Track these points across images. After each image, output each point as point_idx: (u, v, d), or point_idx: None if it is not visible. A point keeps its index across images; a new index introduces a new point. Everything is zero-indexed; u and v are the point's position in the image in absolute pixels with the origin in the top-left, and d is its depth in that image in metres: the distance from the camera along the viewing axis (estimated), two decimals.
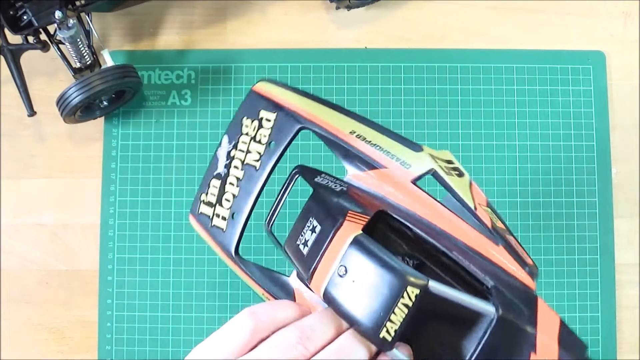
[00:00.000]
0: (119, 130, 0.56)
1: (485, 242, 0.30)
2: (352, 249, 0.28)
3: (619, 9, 0.58)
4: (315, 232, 0.30)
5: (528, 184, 0.55)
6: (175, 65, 0.57)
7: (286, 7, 0.58)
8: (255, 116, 0.35)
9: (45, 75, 0.57)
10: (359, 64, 0.57)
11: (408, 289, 0.26)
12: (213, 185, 0.35)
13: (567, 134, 0.56)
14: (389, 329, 0.27)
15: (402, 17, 0.58)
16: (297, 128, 0.33)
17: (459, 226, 0.31)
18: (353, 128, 0.33)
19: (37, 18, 0.48)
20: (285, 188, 0.35)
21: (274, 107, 0.34)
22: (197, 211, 0.36)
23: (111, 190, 0.55)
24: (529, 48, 0.57)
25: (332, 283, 0.28)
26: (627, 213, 0.56)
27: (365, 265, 0.27)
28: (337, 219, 0.29)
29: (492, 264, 0.30)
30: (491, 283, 0.29)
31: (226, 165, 0.35)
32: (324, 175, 0.34)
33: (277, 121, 0.34)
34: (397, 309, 0.27)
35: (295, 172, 0.35)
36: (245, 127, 0.35)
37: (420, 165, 0.32)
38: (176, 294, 0.54)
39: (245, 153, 0.35)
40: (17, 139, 0.56)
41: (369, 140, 0.33)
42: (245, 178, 0.34)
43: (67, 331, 0.54)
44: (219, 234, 0.35)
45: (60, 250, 0.55)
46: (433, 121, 0.56)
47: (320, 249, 0.29)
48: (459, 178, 0.33)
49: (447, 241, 0.30)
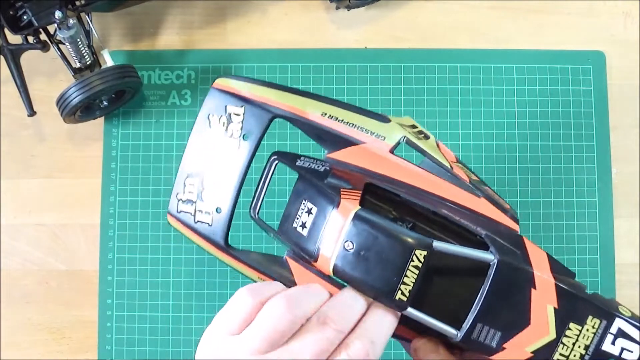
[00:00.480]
0: (119, 130, 0.56)
1: (467, 196, 0.33)
2: (355, 223, 0.30)
3: (619, 9, 0.58)
4: (312, 213, 0.32)
5: (528, 184, 0.55)
6: (175, 65, 0.57)
7: (286, 7, 0.58)
8: (223, 112, 0.35)
9: (45, 75, 0.57)
10: (359, 64, 0.57)
11: (416, 252, 0.29)
12: (189, 184, 0.36)
13: (567, 134, 0.56)
14: (403, 290, 0.30)
15: (402, 17, 0.58)
16: (269, 118, 0.34)
17: (441, 185, 0.33)
18: (323, 110, 0.34)
19: (37, 18, 0.48)
20: (265, 175, 0.35)
21: (241, 100, 0.35)
22: (177, 210, 0.37)
23: (111, 190, 0.55)
24: (529, 48, 0.57)
25: (340, 258, 0.30)
26: (627, 213, 0.56)
27: (370, 237, 0.30)
28: (333, 198, 0.31)
29: (479, 215, 0.33)
30: (483, 232, 0.31)
31: (199, 163, 0.36)
32: (303, 158, 0.35)
33: (247, 114, 0.34)
34: (409, 271, 0.29)
35: (273, 158, 0.36)
36: (214, 124, 0.35)
37: (393, 135, 0.34)
38: (176, 294, 0.54)
39: (219, 148, 0.35)
40: (17, 139, 0.56)
41: (341, 119, 0.34)
42: (224, 172, 0.35)
43: (67, 331, 0.54)
44: (206, 229, 0.36)
45: (60, 250, 0.55)
46: (433, 121, 0.56)
47: (321, 228, 0.31)
48: (427, 140, 0.35)
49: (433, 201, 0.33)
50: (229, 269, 0.54)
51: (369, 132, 0.34)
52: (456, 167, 0.34)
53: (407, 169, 0.33)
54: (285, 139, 0.55)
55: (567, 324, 0.31)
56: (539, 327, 0.31)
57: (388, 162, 0.33)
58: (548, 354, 0.31)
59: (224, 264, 0.55)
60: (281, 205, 0.52)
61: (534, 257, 0.31)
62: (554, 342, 0.31)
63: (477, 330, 0.30)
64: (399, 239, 0.29)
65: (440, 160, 0.34)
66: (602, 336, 0.31)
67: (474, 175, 0.35)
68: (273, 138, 0.55)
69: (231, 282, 0.54)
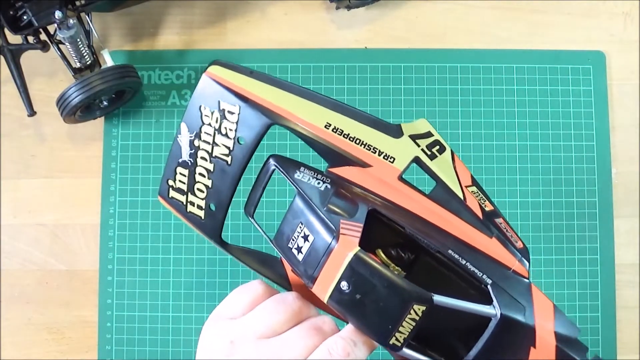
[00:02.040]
0: (119, 130, 0.56)
1: (478, 235, 0.31)
2: (352, 266, 0.28)
3: (619, 9, 0.58)
4: (308, 241, 0.30)
5: (528, 184, 0.55)
6: (175, 65, 0.57)
7: (286, 7, 0.58)
8: (216, 107, 0.32)
9: (45, 75, 0.57)
10: (359, 64, 0.57)
11: (415, 307, 0.28)
12: (180, 173, 0.34)
13: (567, 134, 0.56)
14: (398, 337, 0.28)
15: (402, 17, 0.58)
16: (266, 125, 0.31)
17: (451, 222, 0.31)
18: (328, 119, 0.31)
19: (37, 18, 0.48)
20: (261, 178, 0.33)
21: (236, 97, 0.31)
22: (167, 195, 0.35)
23: (111, 190, 0.55)
24: (529, 48, 0.57)
25: (335, 295, 0.29)
26: (627, 213, 0.56)
27: (368, 284, 0.28)
28: (332, 231, 0.29)
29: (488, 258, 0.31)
30: (489, 281, 0.30)
31: (191, 155, 0.33)
32: (303, 169, 0.32)
33: (242, 115, 0.31)
34: (405, 322, 0.28)
35: (271, 164, 0.32)
36: (206, 117, 0.32)
37: (403, 156, 0.31)
38: (176, 294, 0.54)
39: (212, 145, 0.33)
40: (17, 139, 0.56)
41: (346, 134, 0.31)
42: (217, 171, 0.33)
43: (67, 331, 0.54)
44: (198, 221, 0.34)
45: (60, 250, 0.55)
46: (433, 121, 0.56)
47: (318, 261, 0.29)
48: (441, 156, 0.32)
49: (441, 237, 0.31)
50: (229, 269, 0.54)
51: (377, 151, 0.31)
52: (469, 196, 0.32)
53: (415, 200, 0.31)
54: (284, 139, 0.55)
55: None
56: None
57: (395, 191, 0.31)
58: None
59: (224, 264, 0.55)
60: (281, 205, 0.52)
61: (539, 310, 0.30)
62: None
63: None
64: (398, 291, 0.28)
65: (454, 189, 0.31)
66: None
67: (487, 204, 0.32)
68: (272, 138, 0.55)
69: (231, 282, 0.54)
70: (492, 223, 0.31)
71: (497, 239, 0.31)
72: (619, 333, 0.54)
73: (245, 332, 0.30)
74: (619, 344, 0.54)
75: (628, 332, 0.54)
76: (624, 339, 0.54)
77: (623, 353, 0.54)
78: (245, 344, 0.29)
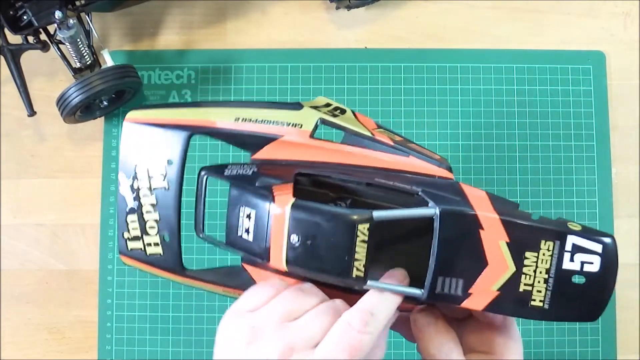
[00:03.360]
0: (119, 130, 0.56)
1: (395, 158, 0.34)
2: (294, 215, 0.30)
3: (619, 9, 0.58)
4: (252, 217, 0.32)
5: (528, 184, 0.55)
6: (175, 65, 0.57)
7: (286, 7, 0.58)
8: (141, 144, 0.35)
9: (45, 75, 0.57)
10: (359, 64, 0.57)
11: (359, 227, 0.29)
12: (131, 221, 0.36)
13: (567, 134, 0.56)
14: (357, 267, 0.30)
15: (402, 17, 0.58)
16: (185, 136, 0.34)
17: (367, 156, 0.34)
18: (236, 115, 0.35)
19: (37, 18, 0.48)
20: (199, 193, 0.36)
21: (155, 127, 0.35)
22: (127, 250, 0.37)
23: (111, 190, 0.55)
24: (529, 48, 0.57)
25: (290, 253, 0.30)
26: (627, 213, 0.56)
27: (312, 224, 0.30)
28: (267, 197, 0.31)
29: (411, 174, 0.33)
30: (419, 189, 0.32)
31: (135, 198, 0.36)
32: (230, 166, 0.35)
33: (165, 139, 0.35)
34: (358, 247, 0.30)
35: (203, 174, 0.36)
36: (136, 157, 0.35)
37: (308, 120, 0.34)
38: (176, 294, 0.54)
39: (149, 179, 0.35)
40: (17, 139, 0.56)
41: (254, 119, 0.34)
42: (160, 201, 0.35)
43: (67, 331, 0.54)
44: (159, 260, 0.36)
45: (60, 250, 0.55)
46: (433, 121, 0.56)
47: (264, 229, 0.31)
48: (344, 115, 0.36)
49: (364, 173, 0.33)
50: None
51: (284, 123, 0.34)
52: (378, 133, 0.35)
53: (330, 149, 0.34)
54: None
55: (523, 254, 0.31)
56: (497, 265, 0.31)
57: (310, 148, 0.34)
58: (514, 287, 0.31)
59: (224, 263, 0.55)
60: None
61: (474, 199, 0.32)
62: (516, 274, 0.31)
63: (439, 284, 0.31)
64: (339, 218, 0.30)
65: (360, 131, 0.34)
66: (560, 256, 0.31)
67: (397, 137, 0.35)
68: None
69: None
70: (406, 147, 0.34)
71: (413, 156, 0.34)
72: (619, 333, 0.54)
73: (266, 318, 0.30)
74: (619, 344, 0.54)
75: (628, 332, 0.54)
76: (624, 339, 0.54)
77: (623, 353, 0.54)
78: (266, 328, 0.30)
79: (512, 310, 0.32)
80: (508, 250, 0.31)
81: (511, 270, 0.31)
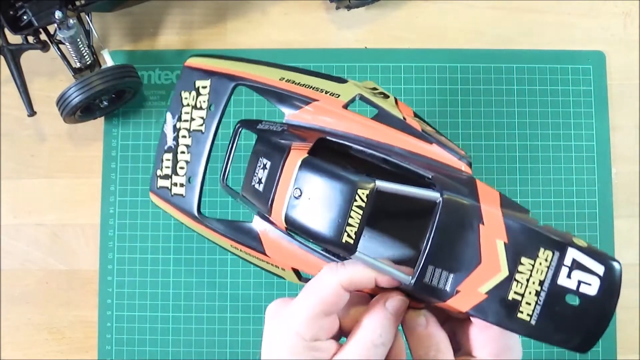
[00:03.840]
0: (119, 130, 0.56)
1: (419, 143, 0.33)
2: (302, 170, 0.30)
3: (619, 9, 0.58)
4: (267, 168, 0.33)
5: (528, 184, 0.55)
6: (175, 65, 0.57)
7: (286, 7, 0.58)
8: (192, 87, 0.37)
9: (45, 75, 0.57)
10: (359, 64, 0.57)
11: (358, 192, 0.29)
12: (166, 159, 0.38)
13: (567, 134, 0.56)
14: (349, 232, 0.29)
15: (402, 17, 0.58)
16: (232, 86, 0.37)
17: (393, 135, 0.34)
18: (282, 75, 0.36)
19: (37, 18, 0.48)
20: (232, 143, 0.37)
21: (207, 74, 0.37)
22: (156, 187, 0.38)
23: (111, 190, 0.55)
24: (529, 48, 0.57)
25: (290, 207, 0.30)
26: (627, 213, 0.56)
27: (316, 181, 0.30)
28: (284, 150, 0.32)
29: (430, 160, 0.33)
30: (431, 174, 0.31)
31: (174, 138, 0.38)
32: (264, 122, 0.37)
33: (212, 85, 0.37)
34: (353, 212, 0.29)
35: (238, 126, 0.37)
36: (185, 99, 0.38)
37: (347, 93, 0.35)
38: (176, 294, 0.54)
39: (190, 122, 0.37)
40: (17, 139, 0.56)
41: (298, 82, 0.36)
42: (194, 143, 0.37)
43: (67, 331, 0.54)
44: (180, 200, 0.37)
45: (60, 250, 0.55)
46: (433, 121, 0.56)
47: (274, 180, 0.32)
48: (385, 99, 0.36)
49: (384, 149, 0.33)
50: (229, 269, 0.54)
51: (324, 91, 0.35)
52: (410, 120, 0.34)
53: (358, 121, 0.34)
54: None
55: (518, 259, 0.29)
56: (490, 265, 0.29)
57: (340, 117, 0.34)
58: (503, 293, 0.29)
59: (224, 264, 0.55)
60: None
61: (484, 195, 0.30)
62: (507, 279, 0.29)
63: (429, 274, 0.29)
64: (342, 179, 0.29)
65: (393, 112, 0.34)
66: (557, 269, 0.28)
67: (429, 127, 0.35)
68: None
69: (231, 282, 0.54)
70: (433, 136, 0.34)
71: (437, 144, 0.33)
72: (619, 333, 0.54)
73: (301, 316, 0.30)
74: (619, 344, 0.54)
75: (628, 332, 0.54)
76: (624, 339, 0.54)
77: (623, 353, 0.54)
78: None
79: (497, 319, 0.29)
80: (504, 252, 0.29)
81: (503, 274, 0.29)
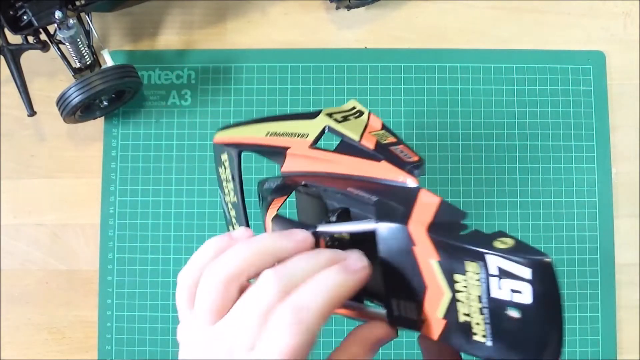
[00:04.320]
0: (119, 130, 0.56)
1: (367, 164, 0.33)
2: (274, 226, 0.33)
3: (619, 9, 0.58)
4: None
5: (528, 184, 0.55)
6: (175, 65, 0.57)
7: (286, 7, 0.58)
8: (220, 162, 0.40)
9: (45, 75, 0.57)
10: (359, 64, 0.57)
11: None
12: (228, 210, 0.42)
13: (567, 134, 0.56)
14: None
15: (402, 17, 0.58)
16: (237, 154, 0.38)
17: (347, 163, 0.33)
18: (268, 129, 0.37)
19: (37, 18, 0.48)
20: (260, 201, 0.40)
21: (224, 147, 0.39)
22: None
23: (111, 190, 0.55)
24: (529, 48, 0.57)
25: None
26: (627, 213, 0.56)
27: None
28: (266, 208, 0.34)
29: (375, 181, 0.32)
30: (375, 199, 0.29)
31: (228, 212, 0.42)
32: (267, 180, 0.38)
33: (228, 157, 0.39)
34: None
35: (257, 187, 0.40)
36: (221, 174, 0.40)
37: (315, 129, 0.35)
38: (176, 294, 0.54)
39: (229, 195, 0.40)
40: (17, 139, 0.56)
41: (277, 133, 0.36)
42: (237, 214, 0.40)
43: (67, 331, 0.54)
44: None
45: (60, 250, 0.55)
46: (433, 121, 0.56)
47: None
48: (358, 119, 0.35)
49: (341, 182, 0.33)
50: None
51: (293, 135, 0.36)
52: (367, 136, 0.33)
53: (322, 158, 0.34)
54: None
55: (452, 277, 0.25)
56: (434, 288, 0.26)
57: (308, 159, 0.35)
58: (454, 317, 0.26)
59: None
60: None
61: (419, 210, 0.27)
62: (453, 301, 0.26)
63: (394, 306, 0.28)
64: None
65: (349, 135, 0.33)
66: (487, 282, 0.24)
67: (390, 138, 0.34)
68: None
69: None
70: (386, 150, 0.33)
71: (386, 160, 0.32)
72: (619, 333, 0.54)
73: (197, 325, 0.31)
74: (619, 344, 0.54)
75: (628, 332, 0.54)
76: (624, 339, 0.54)
77: (623, 353, 0.54)
78: None
79: (459, 344, 0.26)
80: (440, 271, 0.26)
81: (448, 296, 0.26)
